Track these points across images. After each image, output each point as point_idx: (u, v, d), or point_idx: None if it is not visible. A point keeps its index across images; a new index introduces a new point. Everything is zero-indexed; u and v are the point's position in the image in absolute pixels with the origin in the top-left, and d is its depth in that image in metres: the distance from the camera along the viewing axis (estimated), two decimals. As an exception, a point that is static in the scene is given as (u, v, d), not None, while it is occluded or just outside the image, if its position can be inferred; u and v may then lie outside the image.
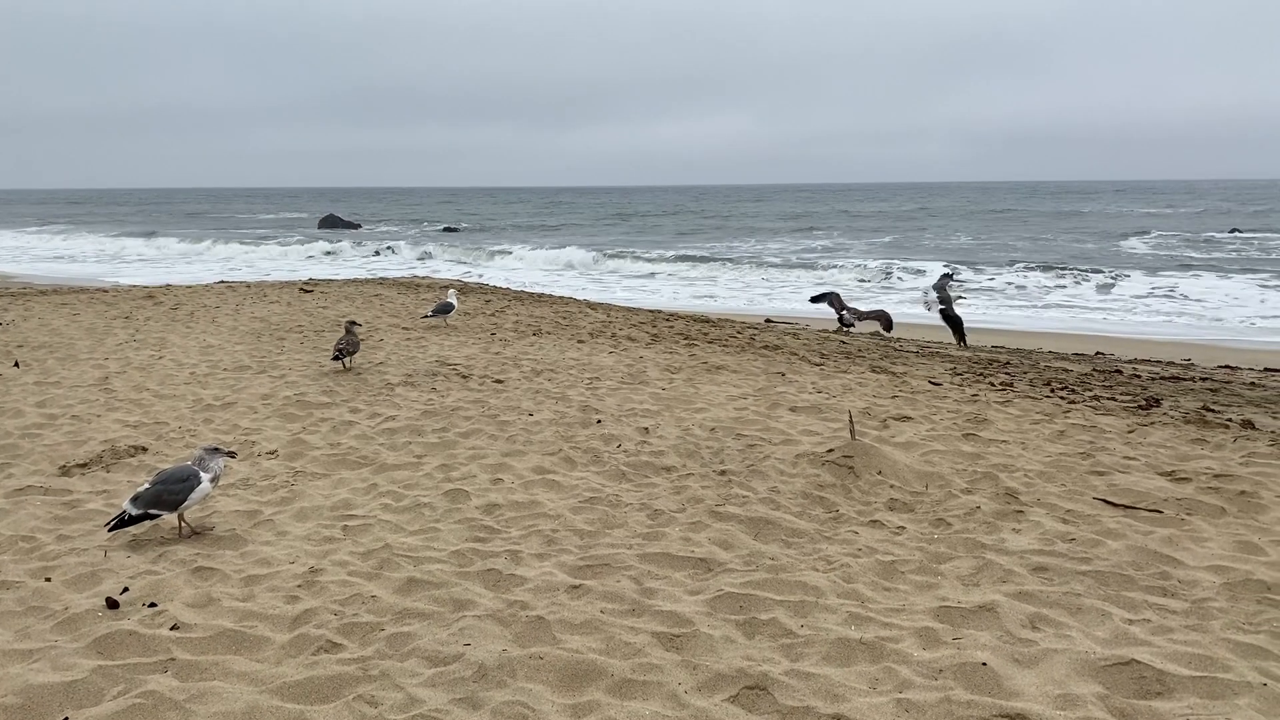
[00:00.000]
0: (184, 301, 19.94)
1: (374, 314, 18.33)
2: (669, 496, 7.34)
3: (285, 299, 20.69)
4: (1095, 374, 14.39)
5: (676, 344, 15.47)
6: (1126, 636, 4.90)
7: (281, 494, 7.48)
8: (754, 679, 4.48)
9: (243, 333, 15.74)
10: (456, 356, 13.38)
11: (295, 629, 5.14)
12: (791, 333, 19.29)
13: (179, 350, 13.90)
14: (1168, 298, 32.40)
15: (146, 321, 17.01)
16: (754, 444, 8.74)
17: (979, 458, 8.36)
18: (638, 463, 8.18)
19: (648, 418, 9.76)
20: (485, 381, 11.63)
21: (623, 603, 5.40)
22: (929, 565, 5.94)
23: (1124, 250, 53.99)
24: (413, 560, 6.06)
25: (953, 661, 4.62)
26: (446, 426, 9.42)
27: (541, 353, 13.95)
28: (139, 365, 12.66)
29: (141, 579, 5.76)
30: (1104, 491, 7.40)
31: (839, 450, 8.03)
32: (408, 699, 4.38)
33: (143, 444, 8.79)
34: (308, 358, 13.36)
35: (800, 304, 32.57)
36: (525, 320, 17.88)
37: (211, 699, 4.38)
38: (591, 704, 4.36)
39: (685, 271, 44.92)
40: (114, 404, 10.40)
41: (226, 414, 10.05)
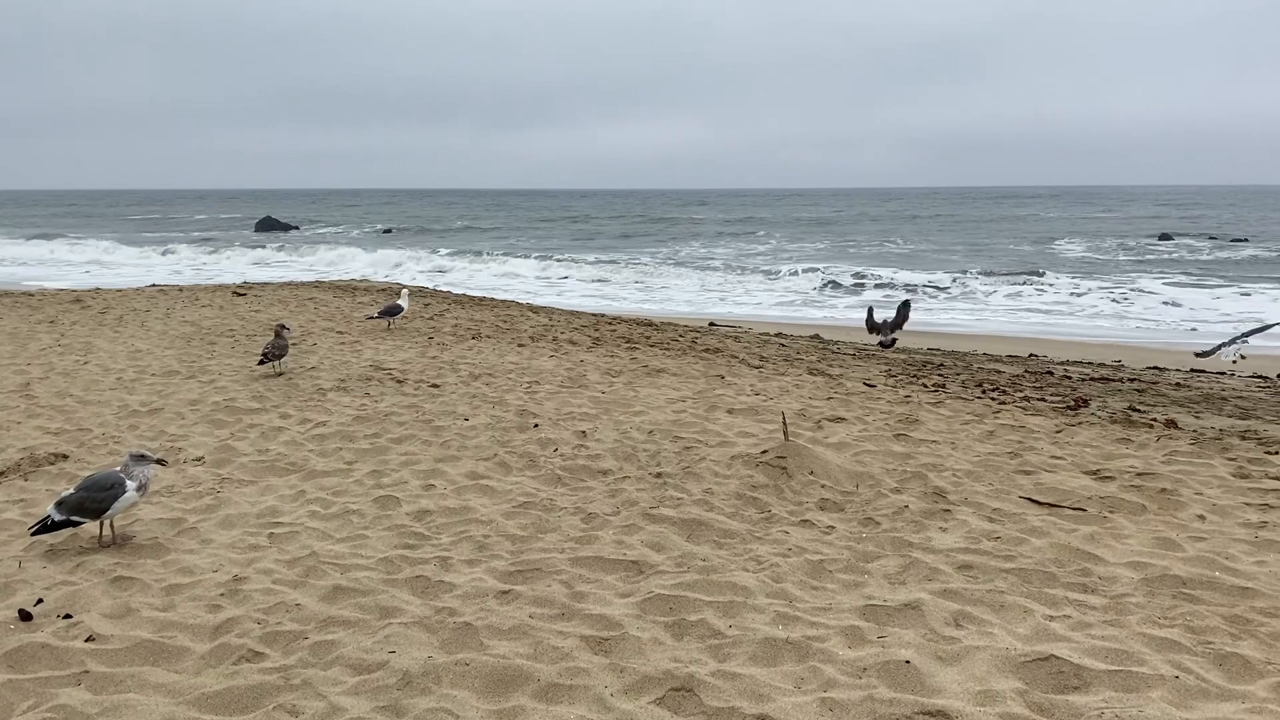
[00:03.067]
0: (113, 305, 19.48)
1: (308, 318, 18.06)
2: (604, 500, 7.32)
3: (218, 303, 20.31)
4: (1027, 375, 14.67)
5: (618, 347, 15.47)
6: (1047, 633, 4.99)
7: (207, 501, 7.32)
8: (680, 680, 4.48)
9: (173, 337, 15.42)
10: (392, 361, 13.23)
11: (216, 639, 5.03)
12: (733, 336, 19.40)
13: (106, 355, 13.57)
14: (1100, 301, 33.16)
15: (73, 326, 16.59)
16: (690, 446, 8.76)
17: (909, 458, 8.47)
18: (574, 466, 8.16)
19: (586, 421, 9.73)
20: (421, 386, 11.51)
21: (552, 607, 5.37)
22: (857, 564, 6.00)
23: (1059, 254, 55.18)
24: (339, 568, 5.97)
25: (877, 660, 4.67)
26: (379, 432, 9.30)
27: (480, 357, 13.85)
28: (63, 371, 12.34)
29: (58, 590, 5.60)
30: (1030, 490, 7.54)
31: (773, 451, 8.08)
32: (330, 708, 4.31)
33: (64, 451, 8.56)
34: (239, 362, 13.12)
35: (741, 308, 32.77)
36: (465, 324, 17.75)
37: (125, 712, 4.27)
38: (516, 709, 4.32)
39: (628, 275, 44.96)
40: (35, 410, 10.11)
41: (153, 420, 9.82)
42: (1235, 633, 5.00)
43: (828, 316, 30.37)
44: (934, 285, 38.14)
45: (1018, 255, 54.17)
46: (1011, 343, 22.60)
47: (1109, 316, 30.20)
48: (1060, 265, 47.18)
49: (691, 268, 47.94)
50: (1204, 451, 8.77)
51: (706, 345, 16.45)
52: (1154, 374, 16.20)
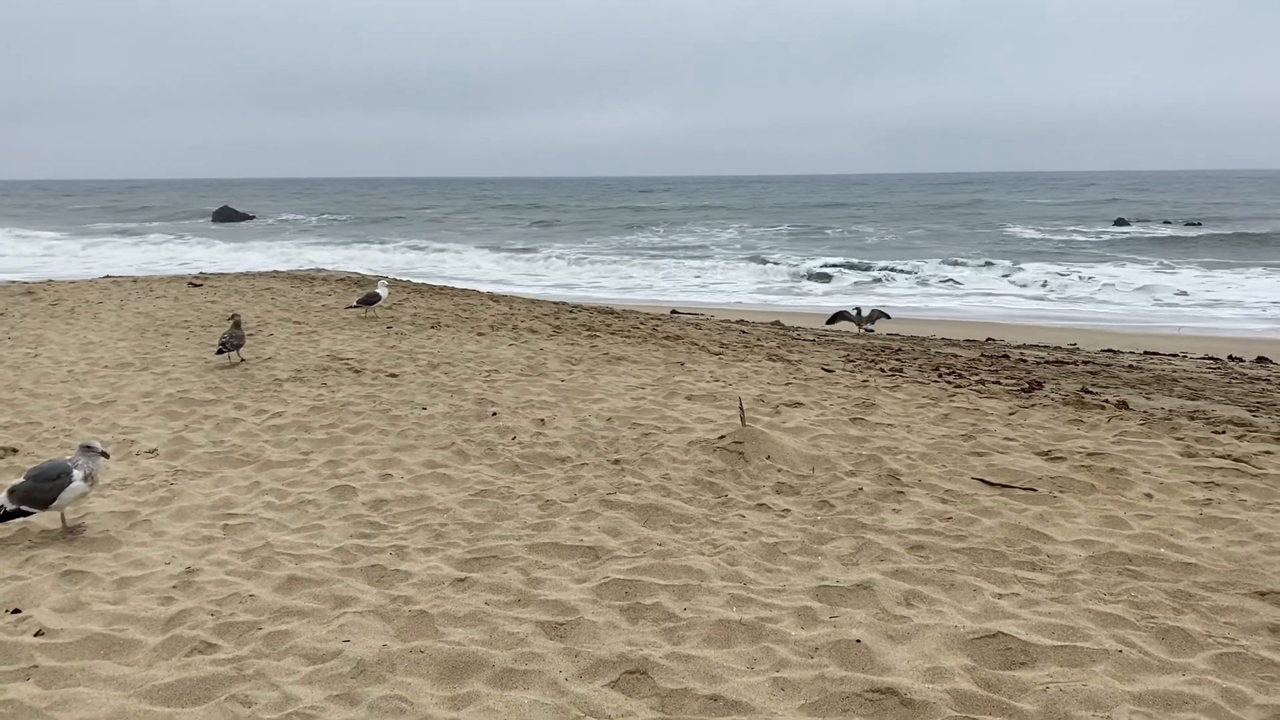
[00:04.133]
0: (65, 297, 19.15)
1: (265, 308, 17.87)
2: (561, 487, 7.33)
3: (173, 294, 20.04)
4: (983, 359, 14.85)
5: (579, 335, 15.46)
6: (995, 610, 5.07)
7: (160, 494, 7.25)
8: (634, 663, 4.51)
9: (126, 329, 15.20)
10: (349, 351, 13.14)
11: (168, 631, 4.99)
12: (694, 323, 19.45)
13: (57, 348, 13.36)
14: (1056, 285, 33.59)
15: (23, 318, 16.30)
16: (649, 433, 8.79)
17: (865, 441, 8.56)
18: (532, 454, 8.16)
19: (545, 409, 9.73)
20: (379, 376, 11.45)
21: (508, 594, 5.38)
22: (811, 546, 6.06)
23: (1018, 239, 55.80)
24: (294, 558, 5.94)
25: (829, 639, 4.73)
26: (335, 422, 9.25)
27: (439, 346, 13.79)
28: (12, 364, 12.13)
29: (5, 584, 5.52)
30: (983, 472, 7.65)
31: (730, 437, 8.13)
32: (283, 697, 4.29)
33: (13, 445, 8.43)
34: (193, 354, 12.97)
35: (704, 295, 32.86)
36: (424, 313, 17.65)
37: (75, 705, 4.23)
38: (471, 695, 4.33)
39: (592, 263, 44.88)
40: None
41: (105, 413, 9.69)
42: (1178, 607, 5.11)
43: (790, 304, 30.56)
44: (895, 271, 38.46)
45: (977, 241, 54.75)
46: (970, 327, 22.87)
47: (1065, 300, 30.65)
48: (1018, 250, 47.77)
49: (655, 256, 47.97)
50: (1153, 431, 8.95)
51: (667, 333, 16.49)
52: (1108, 356, 16.47)
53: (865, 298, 30.89)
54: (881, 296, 32.11)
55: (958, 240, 55.46)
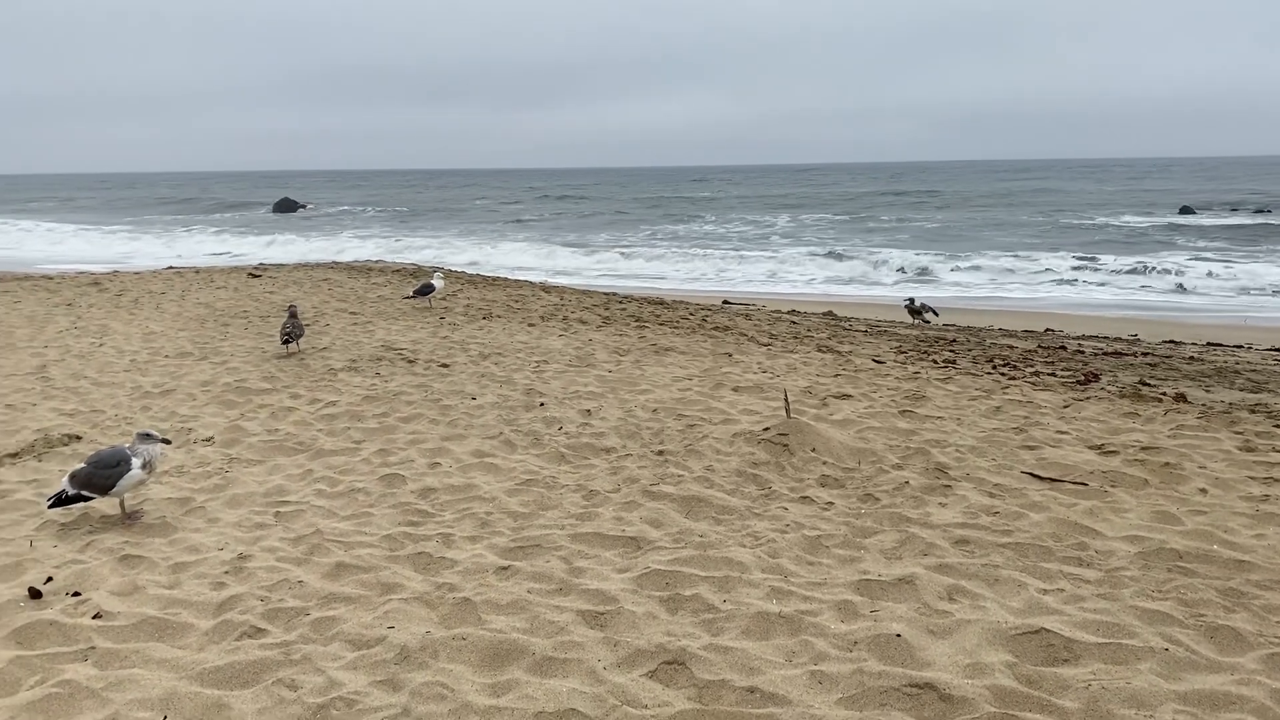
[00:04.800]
0: (129, 288, 19.66)
1: (322, 298, 18.18)
2: (605, 477, 7.38)
3: (233, 284, 20.47)
4: (1039, 351, 14.61)
5: (627, 326, 15.50)
6: (1039, 606, 5.01)
7: (215, 481, 7.43)
8: (673, 654, 4.54)
9: (187, 319, 15.57)
10: (403, 341, 13.33)
11: (219, 615, 5.12)
12: (744, 314, 19.39)
13: (120, 337, 13.73)
14: (1117, 275, 32.88)
15: (89, 309, 16.77)
16: (694, 424, 8.81)
17: (913, 434, 8.48)
18: (578, 444, 8.22)
19: (592, 400, 9.79)
20: (430, 366, 11.60)
21: (550, 582, 5.44)
22: (854, 540, 6.04)
23: (1080, 227, 54.65)
24: (343, 545, 6.05)
25: (868, 634, 4.71)
26: (387, 411, 9.40)
27: (490, 336, 13.93)
28: (78, 353, 12.50)
29: (67, 568, 5.71)
30: (1033, 465, 7.54)
31: (775, 429, 8.11)
32: (328, 682, 4.39)
33: (77, 432, 8.69)
34: (251, 343, 13.25)
35: (756, 285, 32.73)
36: (476, 304, 17.83)
37: (129, 686, 4.36)
38: (511, 682, 4.39)
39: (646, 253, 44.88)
40: (50, 392, 10.26)
41: (165, 401, 9.95)
42: (1229, 605, 5.01)
43: (844, 294, 30.30)
44: (952, 259, 37.91)
45: (1037, 229, 53.73)
46: (1028, 318, 22.51)
47: (1126, 290, 29.98)
48: (1080, 238, 46.84)
49: (708, 246, 47.85)
50: (1211, 425, 8.75)
51: (716, 323, 16.46)
52: (1169, 348, 16.11)
53: (920, 288, 30.55)
54: (937, 285, 31.72)
55: (1018, 228, 54.47)
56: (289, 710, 4.17)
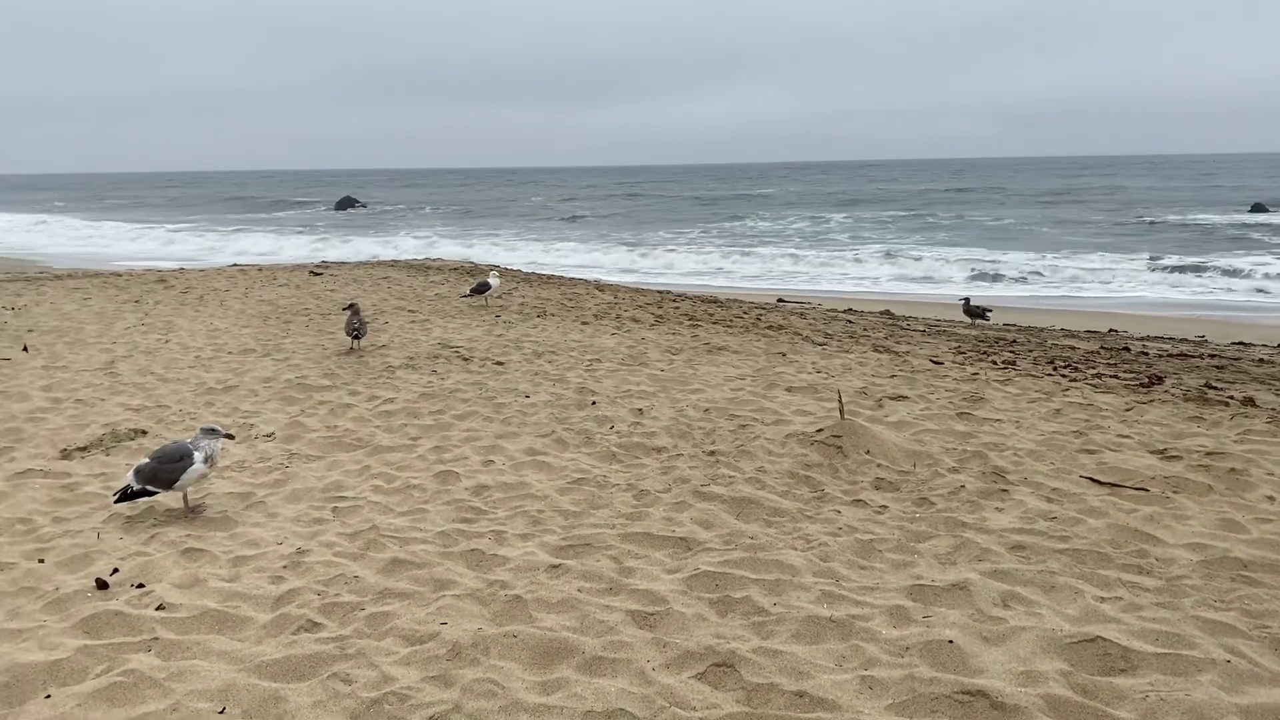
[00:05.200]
0: (195, 285, 20.12)
1: (381, 296, 18.45)
2: (656, 477, 7.40)
3: (295, 282, 20.84)
4: (1102, 352, 14.33)
5: (680, 325, 15.50)
6: (1096, 614, 4.92)
7: (275, 476, 7.58)
8: (722, 656, 4.54)
9: (250, 316, 15.89)
10: (459, 339, 13.47)
11: (278, 609, 5.23)
12: (799, 312, 19.27)
13: (186, 334, 14.06)
14: (1184, 274, 32.09)
15: (156, 305, 17.19)
16: (746, 424, 8.78)
17: (970, 436, 8.37)
18: (629, 444, 8.24)
19: (643, 399, 9.81)
20: (486, 364, 11.71)
21: (600, 582, 5.47)
22: (907, 544, 5.98)
23: (1146, 225, 53.43)
24: (398, 541, 6.14)
25: (920, 639, 4.67)
26: (443, 409, 9.51)
27: (544, 335, 14.03)
28: (145, 349, 12.82)
29: (132, 560, 5.87)
30: (1093, 470, 7.40)
31: (829, 430, 8.06)
32: (381, 677, 4.46)
33: (143, 427, 8.92)
34: (312, 340, 13.49)
35: (812, 283, 32.53)
36: (531, 302, 17.95)
37: (190, 677, 4.47)
38: (560, 681, 4.43)
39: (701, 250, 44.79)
40: (118, 388, 10.54)
41: (228, 397, 10.17)
42: (1295, 617, 4.87)
43: (902, 293, 29.96)
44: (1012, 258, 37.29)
45: (1101, 227, 52.63)
46: (1091, 318, 22.08)
47: (1193, 290, 29.25)
48: (1145, 237, 45.80)
49: (764, 243, 47.63)
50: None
51: (770, 322, 16.39)
52: (1238, 350, 15.69)
53: (981, 287, 30.13)
54: (998, 284, 31.24)
55: (1082, 226, 53.39)
56: (343, 704, 4.25)
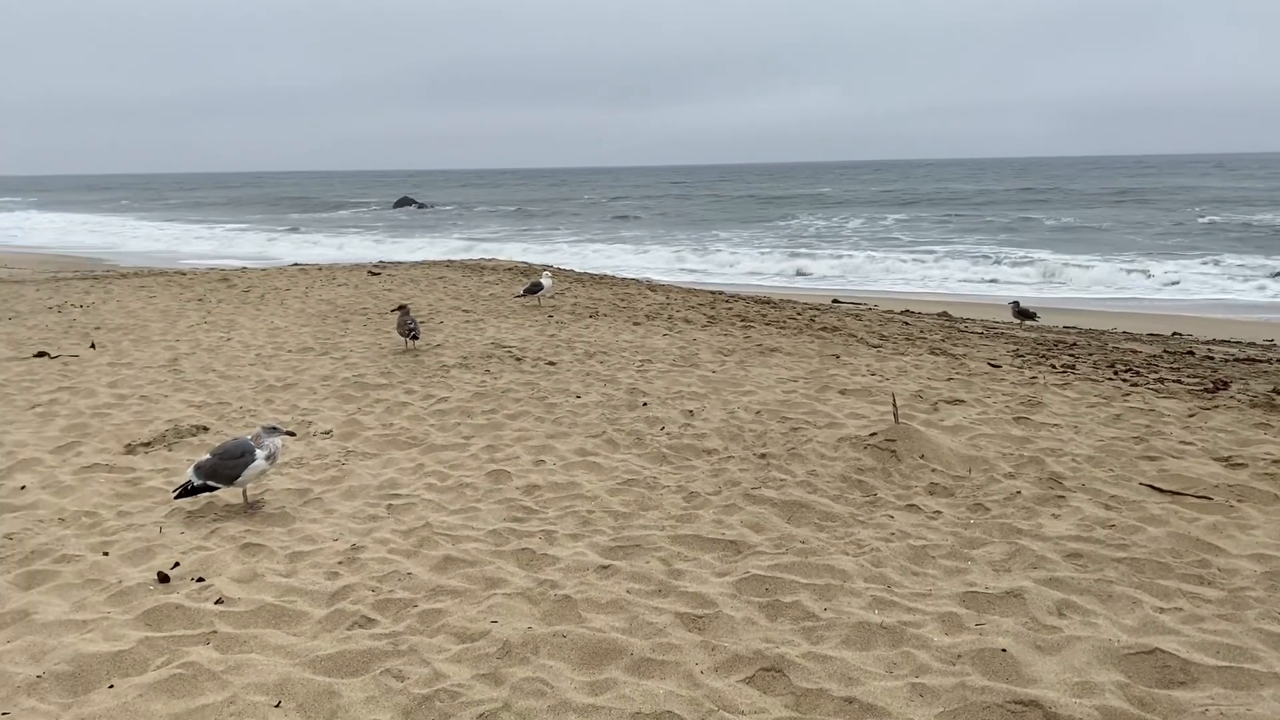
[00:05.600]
0: (256, 284, 20.51)
1: (437, 296, 18.65)
2: (706, 479, 7.39)
3: (354, 281, 21.16)
4: (1165, 355, 14.02)
5: (733, 326, 15.46)
6: (1155, 625, 4.82)
7: (332, 473, 7.70)
8: (771, 661, 4.53)
9: (309, 315, 16.16)
10: (512, 339, 13.58)
11: (333, 604, 5.31)
12: (854, 314, 19.12)
13: (247, 332, 14.34)
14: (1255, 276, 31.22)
15: (219, 304, 17.56)
16: (798, 427, 8.74)
17: (1027, 441, 8.25)
18: (679, 445, 8.25)
19: (694, 400, 9.81)
20: (538, 364, 11.79)
21: (649, 583, 5.48)
22: (961, 550, 5.91)
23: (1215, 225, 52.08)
24: (451, 539, 6.21)
25: (973, 647, 4.61)
26: (496, 408, 9.59)
27: (596, 335, 14.08)
28: (208, 347, 13.11)
29: (193, 554, 6.00)
30: (1153, 477, 7.25)
31: (882, 434, 7.99)
32: (433, 674, 4.52)
33: (205, 424, 9.11)
34: (369, 339, 13.68)
35: (869, 284, 32.24)
36: (584, 302, 18.03)
37: (247, 670, 4.57)
38: (609, 682, 4.45)
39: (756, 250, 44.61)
40: (181, 384, 10.79)
41: (287, 395, 10.36)
42: (1365, 632, 4.73)
43: (961, 294, 29.55)
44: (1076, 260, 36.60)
45: (1166, 227, 51.41)
46: (1154, 320, 21.59)
47: (1264, 292, 28.45)
48: (1212, 238, 44.66)
49: (819, 243, 47.32)
50: (1352, 439, 8.26)
51: (825, 324, 16.28)
52: (1309, 354, 15.24)
53: (1041, 289, 29.64)
54: (1059, 286, 30.69)
55: (1147, 227, 52.19)
56: (395, 700, 4.31)
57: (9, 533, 6.35)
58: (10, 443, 8.45)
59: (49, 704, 4.29)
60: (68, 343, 13.36)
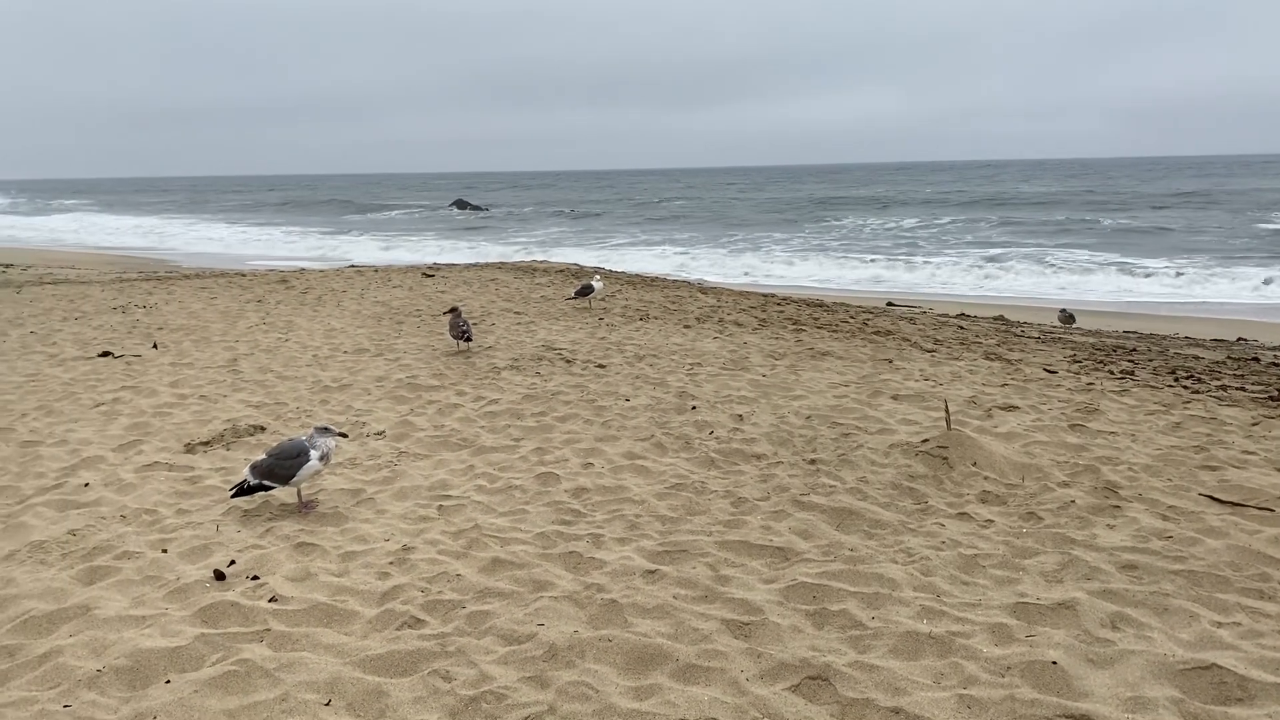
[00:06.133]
0: (314, 285, 20.85)
1: (489, 298, 18.81)
2: (755, 484, 7.37)
3: (408, 283, 21.41)
4: (1229, 361, 13.69)
5: (784, 329, 15.39)
6: (1212, 640, 4.72)
7: (384, 474, 7.81)
8: (817, 669, 4.51)
9: (365, 316, 16.39)
10: (563, 341, 13.65)
11: (383, 604, 5.39)
12: (908, 317, 18.92)
13: (304, 333, 14.59)
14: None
15: (277, 305, 17.88)
16: (849, 433, 8.68)
17: (1083, 449, 8.11)
18: (728, 450, 8.23)
19: (744, 404, 9.78)
20: (588, 366, 11.84)
21: (696, 589, 5.48)
22: (1012, 560, 5.83)
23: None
24: (499, 541, 6.27)
25: (1022, 659, 4.54)
26: (545, 411, 9.65)
27: (646, 338, 14.10)
28: (266, 347, 13.36)
29: (248, 553, 6.13)
30: (1213, 487, 7.09)
31: (934, 441, 7.90)
32: (479, 675, 4.56)
33: (262, 424, 9.29)
34: (423, 341, 13.84)
35: (925, 286, 31.88)
36: (634, 305, 18.06)
37: (299, 668, 4.65)
38: (653, 687, 4.46)
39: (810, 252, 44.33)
40: (240, 384, 11.01)
41: (342, 395, 10.52)
42: None
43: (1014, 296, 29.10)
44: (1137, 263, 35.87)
45: (1235, 230, 50.13)
46: (1218, 325, 21.07)
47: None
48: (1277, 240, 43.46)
49: (875, 244, 46.88)
50: None
51: (878, 327, 16.14)
52: (1380, 362, 14.77)
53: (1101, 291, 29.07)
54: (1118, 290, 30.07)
55: (1215, 229, 50.89)
56: (442, 701, 4.36)
57: (73, 529, 6.53)
58: (75, 440, 8.69)
59: (109, 698, 4.40)
60: (131, 342, 13.70)
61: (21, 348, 13.41)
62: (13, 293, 20.46)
